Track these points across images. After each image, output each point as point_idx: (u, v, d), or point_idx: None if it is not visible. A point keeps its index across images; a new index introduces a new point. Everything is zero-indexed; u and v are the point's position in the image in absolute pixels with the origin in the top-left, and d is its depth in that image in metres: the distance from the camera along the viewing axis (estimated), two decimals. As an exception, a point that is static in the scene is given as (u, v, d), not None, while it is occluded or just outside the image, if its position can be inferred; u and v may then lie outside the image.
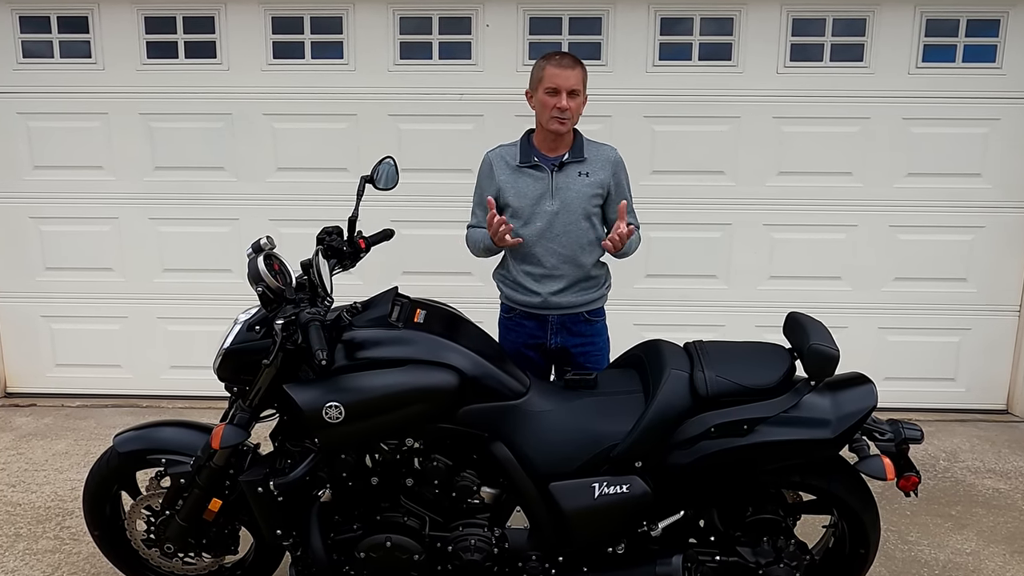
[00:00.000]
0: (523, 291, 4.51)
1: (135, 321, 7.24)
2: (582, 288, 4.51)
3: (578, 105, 4.33)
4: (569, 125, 4.34)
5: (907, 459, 3.62)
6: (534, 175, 4.41)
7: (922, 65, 6.64)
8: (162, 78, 6.82)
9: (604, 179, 4.44)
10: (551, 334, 4.53)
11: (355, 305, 3.80)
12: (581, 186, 4.40)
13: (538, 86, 4.36)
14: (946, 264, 6.94)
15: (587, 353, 4.58)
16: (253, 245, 3.67)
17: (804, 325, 3.73)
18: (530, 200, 4.40)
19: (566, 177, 4.40)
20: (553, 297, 4.46)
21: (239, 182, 6.96)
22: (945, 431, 6.76)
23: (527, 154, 4.45)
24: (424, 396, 3.59)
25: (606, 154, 4.50)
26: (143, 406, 7.15)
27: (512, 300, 4.59)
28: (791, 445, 3.56)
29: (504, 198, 4.45)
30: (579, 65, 4.34)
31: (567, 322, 4.52)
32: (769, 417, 3.56)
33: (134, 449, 4.02)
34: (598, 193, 4.43)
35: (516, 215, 4.42)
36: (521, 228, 4.41)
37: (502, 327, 4.69)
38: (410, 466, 3.76)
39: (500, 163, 4.50)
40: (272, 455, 3.88)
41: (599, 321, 4.65)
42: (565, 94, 4.25)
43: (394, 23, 6.70)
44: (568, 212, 4.38)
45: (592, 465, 3.65)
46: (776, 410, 3.57)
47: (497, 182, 4.47)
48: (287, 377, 3.62)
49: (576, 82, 4.28)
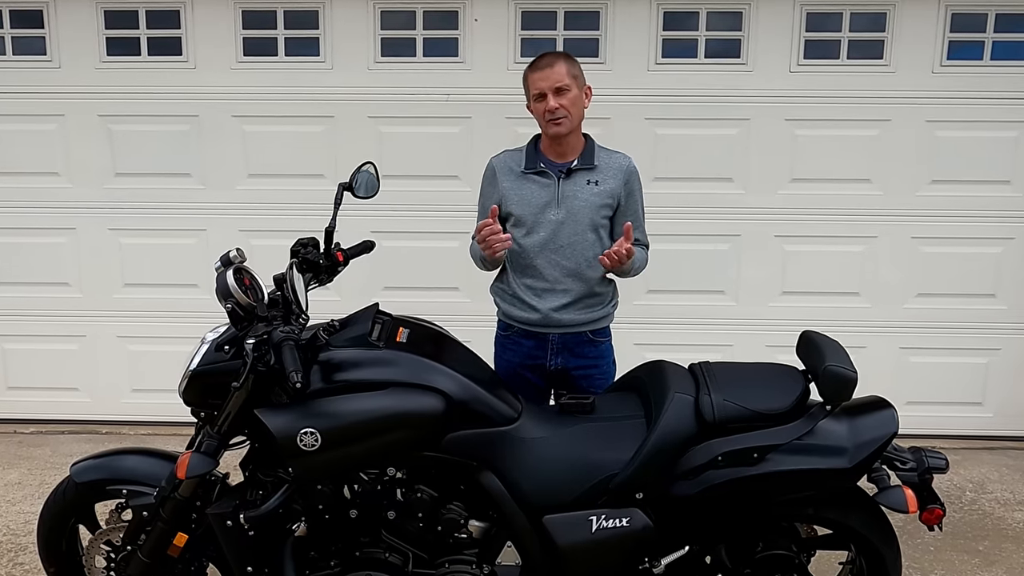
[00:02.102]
0: (522, 306, 4.51)
1: (94, 340, 7.22)
2: (586, 305, 4.50)
3: (572, 101, 4.33)
4: (568, 124, 4.34)
5: (931, 490, 3.63)
6: (539, 182, 4.43)
7: (947, 63, 6.66)
8: (123, 77, 6.83)
9: (615, 189, 4.44)
10: (551, 354, 4.52)
11: (332, 323, 3.81)
12: (589, 195, 4.40)
13: (528, 95, 4.43)
14: (973, 279, 6.95)
15: (590, 376, 4.58)
16: (222, 258, 3.68)
17: (819, 345, 3.74)
18: (534, 208, 4.41)
19: (573, 185, 4.41)
20: (555, 314, 4.45)
21: (207, 190, 6.96)
22: (972, 460, 6.77)
23: (533, 160, 4.47)
24: (407, 422, 3.59)
25: (619, 162, 4.50)
26: (102, 432, 7.13)
27: (510, 316, 4.59)
28: (805, 475, 3.57)
29: (507, 206, 4.46)
30: (561, 60, 4.35)
31: (569, 342, 4.52)
32: (781, 445, 3.57)
33: (93, 479, 4.01)
34: (607, 203, 4.44)
35: (519, 223, 4.44)
36: (523, 238, 4.42)
37: (498, 345, 4.70)
38: (392, 498, 3.75)
39: (504, 169, 4.52)
40: (242, 486, 3.88)
41: (604, 342, 4.64)
42: (551, 95, 4.28)
43: (375, 18, 6.71)
44: (574, 222, 4.39)
45: (589, 496, 3.65)
46: (789, 437, 3.58)
47: (500, 189, 4.48)
48: (259, 401, 3.61)
49: (559, 78, 4.30)
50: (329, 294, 4.46)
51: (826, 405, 3.63)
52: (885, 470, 3.63)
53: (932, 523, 3.62)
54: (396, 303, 4.39)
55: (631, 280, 4.71)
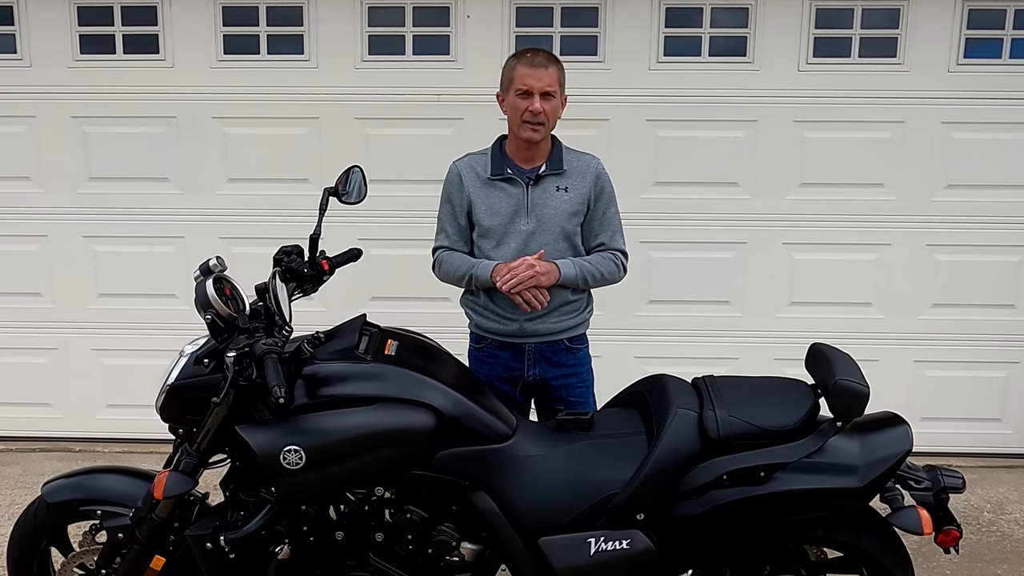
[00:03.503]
0: (496, 318, 4.54)
1: (66, 353, 7.22)
2: (562, 313, 4.54)
3: (554, 108, 4.37)
4: (544, 132, 4.38)
5: (947, 511, 3.64)
6: (507, 189, 4.45)
7: (964, 61, 6.66)
8: (97, 76, 6.83)
9: (584, 194, 4.48)
10: (528, 365, 4.56)
11: (317, 335, 3.81)
12: (559, 202, 4.44)
13: (509, 88, 4.42)
14: (991, 288, 6.95)
15: (570, 385, 4.62)
16: (201, 267, 3.67)
17: (829, 358, 3.75)
18: (503, 218, 4.44)
19: (543, 192, 4.44)
20: (530, 324, 4.48)
21: (185, 195, 6.95)
22: (990, 479, 6.77)
23: (499, 165, 4.49)
24: (396, 439, 3.59)
25: (587, 164, 4.54)
26: (76, 450, 7.12)
27: (483, 329, 4.62)
28: (814, 495, 3.58)
29: (475, 215, 4.49)
30: (554, 63, 4.38)
31: (546, 351, 4.56)
32: (789, 463, 3.57)
33: (66, 499, 4.01)
34: (579, 210, 4.48)
35: (487, 235, 4.47)
36: (493, 250, 4.46)
37: (472, 359, 4.71)
38: (380, 519, 3.76)
39: (470, 174, 4.53)
40: (223, 506, 3.88)
41: (582, 349, 4.69)
42: (538, 96, 4.30)
43: (362, 14, 6.72)
44: (545, 232, 4.43)
45: (588, 517, 3.65)
46: (797, 455, 3.58)
47: (467, 195, 4.50)
48: (240, 417, 3.62)
49: (551, 82, 4.32)
50: (314, 305, 4.47)
51: (837, 421, 3.65)
52: (899, 490, 3.64)
53: (948, 545, 3.63)
54: (384, 314, 4.39)
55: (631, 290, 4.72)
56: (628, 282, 4.54)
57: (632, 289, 4.72)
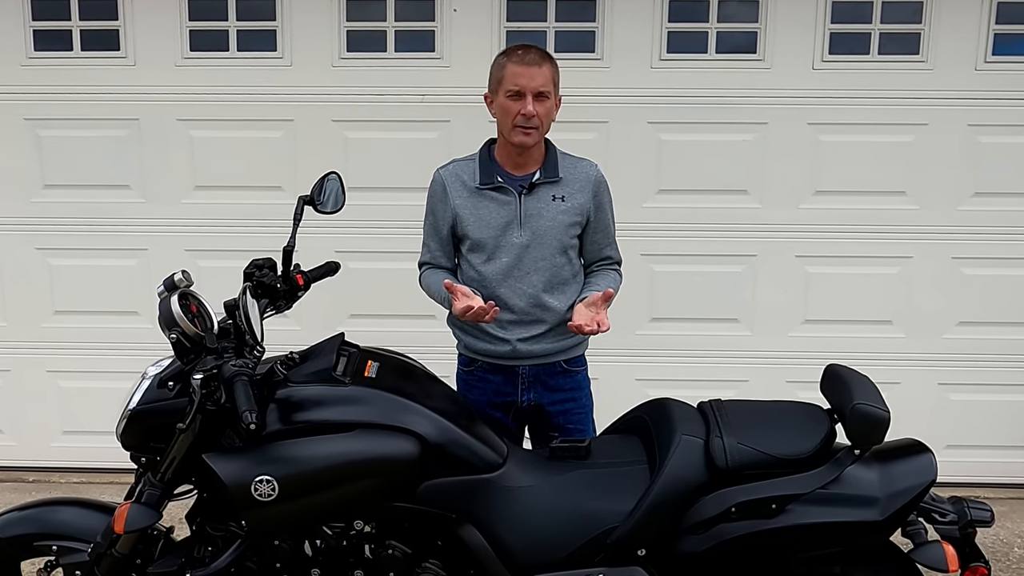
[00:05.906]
0: (487, 338, 4.51)
1: (19, 375, 7.21)
2: (558, 333, 4.50)
3: (548, 111, 4.34)
4: (537, 136, 4.34)
5: (973, 546, 3.64)
6: (498, 199, 4.42)
7: (992, 59, 6.67)
8: (52, 75, 6.82)
9: (583, 203, 4.46)
10: (522, 389, 4.55)
11: (291, 356, 3.80)
12: (556, 213, 4.41)
13: (498, 88, 4.38)
14: (1022, 305, 6.97)
15: (567, 411, 4.61)
16: (165, 282, 3.69)
17: (846, 381, 3.76)
18: (494, 231, 4.41)
19: (537, 202, 4.41)
20: (523, 345, 4.47)
21: (148, 203, 6.95)
22: (1020, 511, 6.78)
23: (489, 172, 4.46)
24: (377, 468, 3.60)
25: (585, 172, 4.52)
26: (29, 480, 7.13)
27: (473, 350, 4.60)
28: (831, 529, 3.59)
29: (462, 228, 4.46)
30: (548, 60, 4.36)
31: (541, 374, 4.55)
32: (803, 494, 3.58)
33: (18, 533, 4.02)
34: (576, 221, 4.46)
35: (477, 248, 4.45)
36: (483, 264, 4.44)
37: (461, 383, 4.69)
38: (359, 555, 3.76)
39: (455, 183, 4.50)
40: (189, 541, 3.89)
41: (580, 371, 4.67)
42: (531, 98, 4.26)
43: (339, 7, 6.72)
44: (540, 245, 4.40)
45: (585, 553, 3.66)
46: (812, 485, 3.59)
47: (452, 207, 4.48)
48: (207, 445, 3.62)
49: (544, 82, 4.29)
50: (288, 323, 4.49)
51: (855, 449, 3.65)
52: (922, 523, 3.65)
53: (975, 583, 3.64)
54: (364, 333, 4.41)
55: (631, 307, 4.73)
56: (629, 298, 4.55)
57: (633, 306, 4.72)
